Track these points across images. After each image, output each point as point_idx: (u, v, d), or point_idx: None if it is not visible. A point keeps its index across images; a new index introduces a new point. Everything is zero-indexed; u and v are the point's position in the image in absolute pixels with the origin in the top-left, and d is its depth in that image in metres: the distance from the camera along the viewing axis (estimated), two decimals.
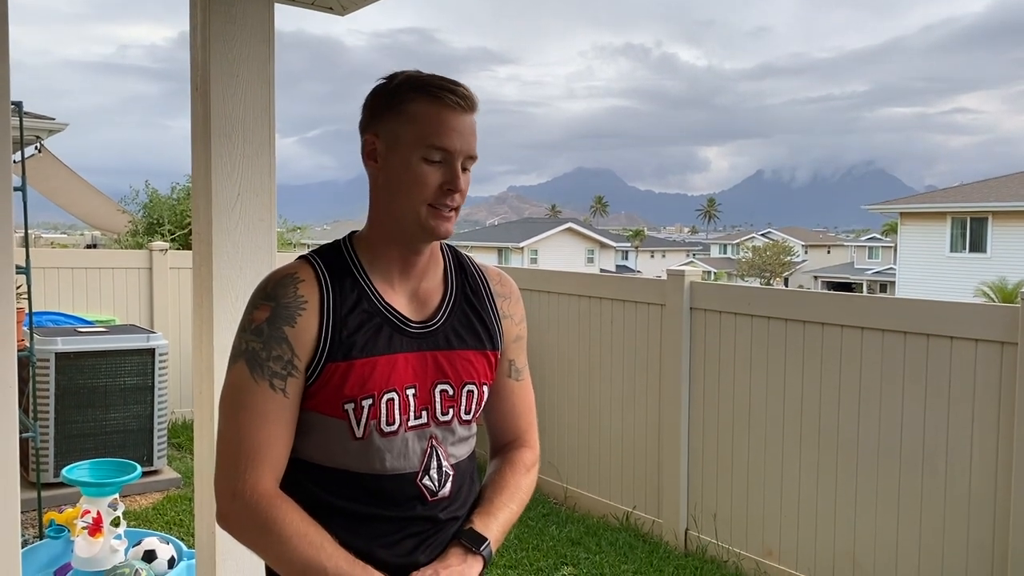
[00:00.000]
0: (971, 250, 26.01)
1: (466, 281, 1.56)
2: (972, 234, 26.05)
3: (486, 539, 1.46)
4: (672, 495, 4.76)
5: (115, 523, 3.43)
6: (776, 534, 4.27)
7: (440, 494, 1.46)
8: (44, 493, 4.77)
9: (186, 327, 6.94)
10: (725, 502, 4.52)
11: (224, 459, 1.40)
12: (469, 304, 1.54)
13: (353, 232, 1.53)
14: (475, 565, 1.44)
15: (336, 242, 1.51)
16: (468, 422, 1.52)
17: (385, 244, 1.47)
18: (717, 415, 4.55)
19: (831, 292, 4.41)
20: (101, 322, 6.51)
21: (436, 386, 1.47)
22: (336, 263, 1.46)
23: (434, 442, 1.47)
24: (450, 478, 1.48)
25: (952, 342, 3.57)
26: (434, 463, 1.46)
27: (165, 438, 5.76)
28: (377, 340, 1.42)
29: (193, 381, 3.06)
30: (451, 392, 1.48)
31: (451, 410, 1.48)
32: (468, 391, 1.50)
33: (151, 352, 5.59)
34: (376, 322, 1.43)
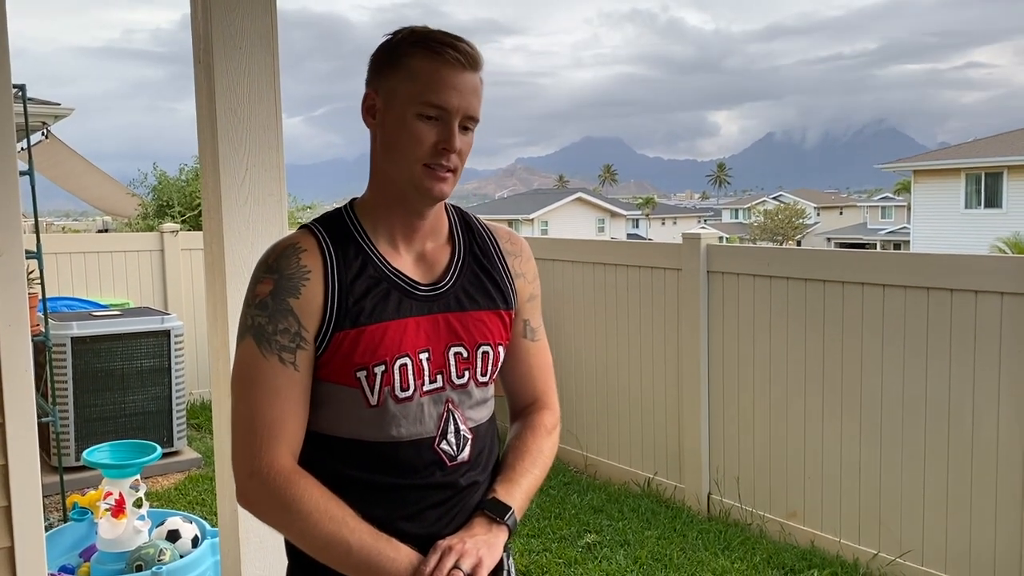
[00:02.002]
0: (986, 206, 25.70)
1: (474, 241, 1.52)
2: (987, 189, 25.73)
3: (510, 508, 1.43)
4: (693, 460, 4.74)
5: (138, 504, 3.43)
6: (800, 495, 4.24)
7: (459, 459, 1.43)
8: (67, 477, 4.78)
9: (200, 308, 6.93)
10: (747, 465, 4.49)
11: (239, 438, 1.37)
12: (479, 264, 1.50)
13: (354, 198, 1.49)
14: (500, 535, 1.41)
15: (337, 209, 1.48)
16: (485, 384, 1.49)
17: (386, 206, 1.44)
18: (737, 378, 4.51)
19: (850, 250, 4.35)
20: (115, 305, 6.51)
21: (450, 349, 1.43)
22: (338, 230, 1.42)
23: (450, 406, 1.43)
24: (469, 442, 1.45)
25: (976, 296, 3.51)
26: (451, 427, 1.43)
27: (184, 419, 5.78)
28: (386, 305, 1.39)
29: (209, 359, 3.05)
30: (465, 354, 1.44)
31: (467, 372, 1.45)
32: (483, 352, 1.47)
33: (166, 334, 5.58)
34: (383, 287, 1.39)
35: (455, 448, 1.43)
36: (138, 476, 3.46)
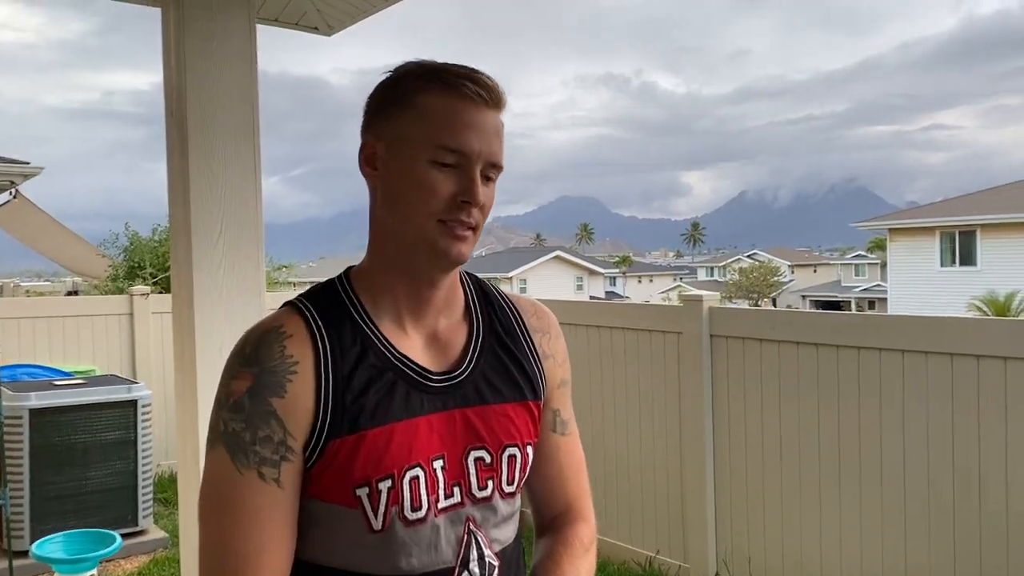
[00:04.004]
0: (961, 264, 25.95)
1: (495, 316, 1.25)
2: (961, 248, 26.02)
3: None
4: (699, 537, 4.43)
5: None
6: None
7: None
8: (18, 562, 4.39)
9: (171, 375, 6.54)
10: (758, 543, 4.20)
11: (209, 574, 1.08)
12: (501, 344, 1.23)
13: (350, 267, 1.23)
14: None
15: (330, 281, 1.21)
16: (512, 495, 1.21)
17: (390, 276, 1.17)
18: (745, 449, 4.24)
19: (865, 313, 4.14)
20: (80, 373, 6.15)
21: (469, 453, 1.16)
22: (331, 308, 1.15)
23: (472, 526, 1.15)
24: (495, 571, 1.17)
25: (1006, 363, 3.29)
26: (474, 553, 1.15)
27: (151, 495, 5.39)
28: (391, 402, 1.11)
29: (177, 435, 2.79)
30: (488, 459, 1.17)
31: (490, 482, 1.17)
32: (510, 456, 1.19)
33: (133, 404, 5.24)
34: (388, 378, 1.12)
35: None
36: (94, 571, 3.11)
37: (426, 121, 1.12)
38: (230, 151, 2.58)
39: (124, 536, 4.85)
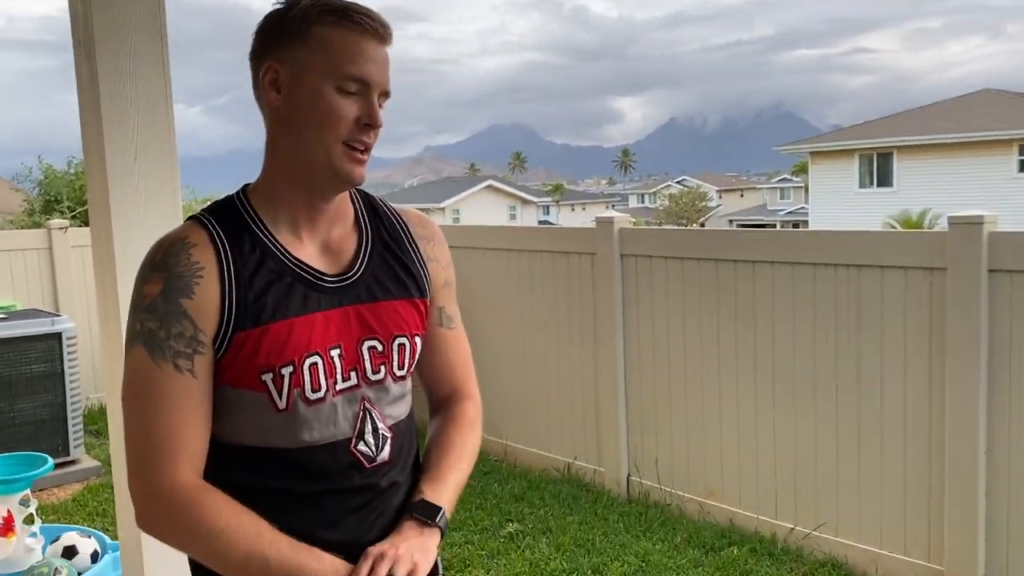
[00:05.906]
0: (879, 185, 26.85)
1: (382, 226, 1.43)
2: (879, 170, 26.86)
3: (440, 508, 1.36)
4: (612, 444, 4.74)
5: (28, 521, 3.18)
6: (718, 474, 4.29)
7: (379, 459, 1.35)
8: None
9: (96, 309, 6.55)
10: (665, 447, 4.52)
11: (134, 457, 1.25)
12: (389, 250, 1.41)
13: (247, 184, 1.38)
14: (433, 537, 1.33)
15: (228, 197, 1.37)
16: (403, 378, 1.40)
17: (287, 191, 1.33)
18: (653, 360, 4.52)
19: (760, 230, 4.41)
20: (1, 309, 6.10)
21: (363, 343, 1.34)
22: (231, 220, 1.31)
23: (367, 404, 1.34)
24: (388, 441, 1.36)
25: (883, 271, 3.59)
26: (368, 426, 1.34)
27: (81, 426, 5.46)
28: (290, 300, 1.29)
29: (102, 363, 2.87)
30: (380, 348, 1.36)
31: (383, 367, 1.36)
32: (399, 344, 1.38)
33: (57, 337, 5.26)
34: (286, 281, 1.29)
35: (374, 448, 1.35)
36: (28, 491, 3.21)
37: (330, 52, 1.26)
38: (140, 79, 2.62)
39: (57, 466, 4.94)
